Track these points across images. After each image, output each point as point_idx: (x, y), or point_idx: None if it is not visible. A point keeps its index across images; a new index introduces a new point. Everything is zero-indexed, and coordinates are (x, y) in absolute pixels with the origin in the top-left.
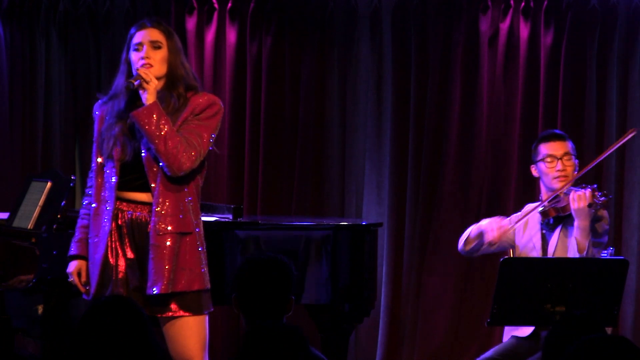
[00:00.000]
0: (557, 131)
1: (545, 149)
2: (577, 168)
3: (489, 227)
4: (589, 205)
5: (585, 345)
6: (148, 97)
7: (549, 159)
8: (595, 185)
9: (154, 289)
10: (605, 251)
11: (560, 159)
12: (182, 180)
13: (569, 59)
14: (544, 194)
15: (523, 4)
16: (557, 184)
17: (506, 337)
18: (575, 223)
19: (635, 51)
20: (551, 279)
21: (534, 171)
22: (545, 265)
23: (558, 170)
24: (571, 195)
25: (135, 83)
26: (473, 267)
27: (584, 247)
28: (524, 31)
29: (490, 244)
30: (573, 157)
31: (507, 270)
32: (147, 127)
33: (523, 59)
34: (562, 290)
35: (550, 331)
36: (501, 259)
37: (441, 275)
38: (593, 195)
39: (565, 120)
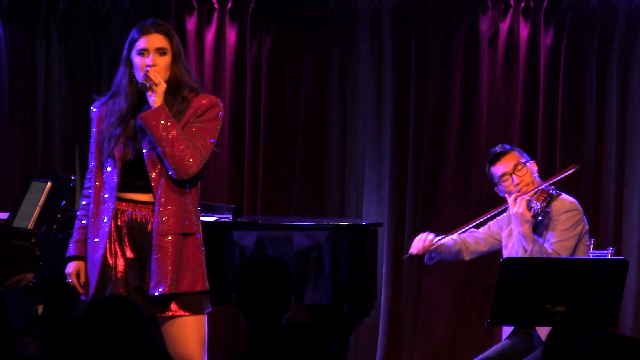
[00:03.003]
0: (498, 149)
1: (495, 171)
2: (534, 167)
3: (415, 241)
4: (533, 216)
5: (595, 345)
6: (156, 99)
7: (503, 179)
8: (541, 205)
9: (158, 290)
10: (605, 251)
11: (512, 173)
12: (184, 181)
13: (569, 59)
14: None
15: (523, 4)
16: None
17: (505, 337)
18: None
19: (635, 51)
20: (551, 279)
21: (499, 192)
22: (545, 265)
23: (516, 185)
24: (510, 199)
25: (147, 84)
26: (473, 267)
27: (525, 252)
28: (524, 31)
29: (412, 256)
30: (523, 163)
31: (507, 270)
32: (154, 129)
33: (523, 59)
34: (562, 290)
35: (550, 331)
36: (501, 259)
37: (441, 275)
38: (528, 206)
39: (565, 120)
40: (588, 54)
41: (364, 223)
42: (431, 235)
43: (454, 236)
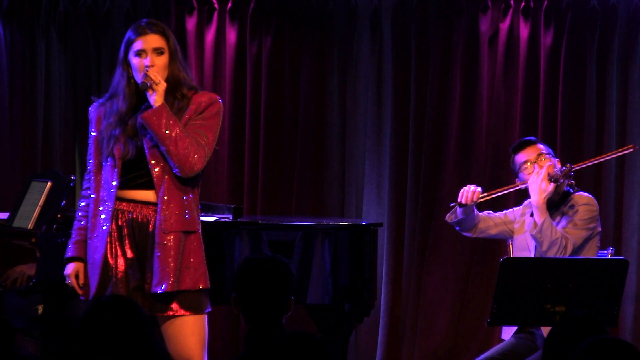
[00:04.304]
0: (525, 138)
1: (519, 158)
2: (558, 164)
3: (464, 190)
4: (550, 179)
5: (592, 348)
6: (157, 98)
7: (525, 166)
8: (564, 168)
9: (160, 287)
10: (605, 251)
11: (536, 161)
12: (186, 179)
13: (569, 59)
14: None
15: (523, 4)
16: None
17: (504, 336)
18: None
19: (635, 51)
20: (551, 279)
21: (520, 184)
22: (545, 265)
23: (537, 173)
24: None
25: (148, 84)
26: (473, 266)
27: (535, 225)
28: (524, 31)
29: (460, 204)
30: (547, 155)
31: (507, 270)
32: (157, 128)
33: (523, 59)
34: (562, 290)
35: (550, 331)
36: (501, 259)
37: (441, 275)
38: (550, 177)
39: (565, 120)
40: (588, 54)
41: (364, 223)
42: (479, 189)
43: (478, 213)
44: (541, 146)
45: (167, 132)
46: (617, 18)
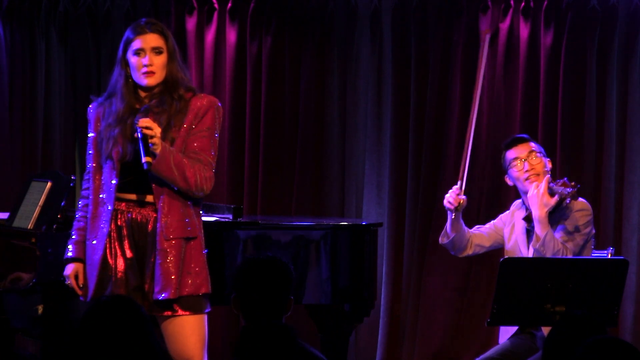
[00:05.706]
0: (518, 135)
1: (509, 154)
2: (549, 164)
3: (447, 199)
4: (551, 194)
5: (592, 348)
6: (154, 147)
7: (515, 162)
8: (565, 179)
9: (162, 295)
10: (605, 251)
11: (526, 159)
12: None
13: (569, 59)
14: (524, 200)
15: (523, 4)
16: (529, 184)
17: (501, 339)
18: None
19: (635, 51)
20: (551, 279)
21: (508, 181)
22: (545, 265)
23: (527, 171)
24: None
25: (148, 142)
26: (473, 266)
27: (537, 238)
28: (524, 31)
29: (456, 209)
30: (539, 154)
31: (507, 270)
32: (167, 174)
33: (523, 59)
34: (562, 290)
35: (550, 331)
36: (501, 259)
37: (441, 274)
38: (551, 191)
39: (565, 120)
40: (588, 54)
41: (364, 223)
42: (453, 187)
43: (468, 229)
44: (533, 144)
45: (176, 173)
46: (617, 18)
